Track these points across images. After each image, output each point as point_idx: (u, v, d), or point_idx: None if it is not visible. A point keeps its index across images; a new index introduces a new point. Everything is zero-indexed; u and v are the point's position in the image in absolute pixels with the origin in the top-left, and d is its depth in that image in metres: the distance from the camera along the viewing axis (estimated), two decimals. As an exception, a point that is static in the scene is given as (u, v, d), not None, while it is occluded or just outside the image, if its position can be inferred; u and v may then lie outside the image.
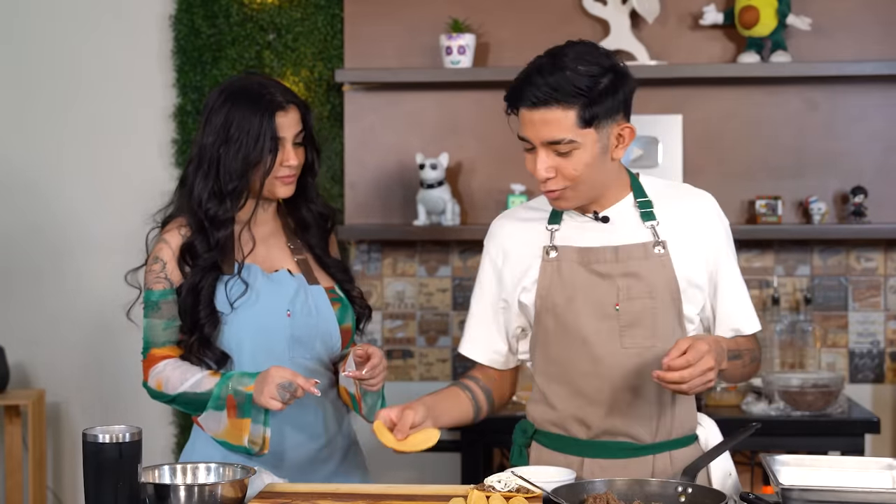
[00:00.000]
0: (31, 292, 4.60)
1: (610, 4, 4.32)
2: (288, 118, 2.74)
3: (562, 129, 2.41)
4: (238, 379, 2.65)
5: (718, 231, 2.60)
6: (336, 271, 2.86)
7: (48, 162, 4.57)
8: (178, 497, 2.25)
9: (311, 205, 2.87)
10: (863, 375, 4.43)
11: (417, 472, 4.41)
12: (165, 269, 2.76)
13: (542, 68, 2.42)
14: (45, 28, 4.55)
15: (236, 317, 2.72)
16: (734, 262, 2.62)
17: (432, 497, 2.37)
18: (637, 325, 2.51)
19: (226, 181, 2.72)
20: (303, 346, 2.75)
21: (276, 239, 2.84)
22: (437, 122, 4.44)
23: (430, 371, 4.53)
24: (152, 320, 2.76)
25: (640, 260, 2.52)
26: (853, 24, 4.34)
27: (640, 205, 2.55)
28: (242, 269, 2.75)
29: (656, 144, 4.30)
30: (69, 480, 4.67)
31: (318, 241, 2.87)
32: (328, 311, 2.78)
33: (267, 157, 2.70)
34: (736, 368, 2.53)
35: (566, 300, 2.54)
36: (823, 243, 4.42)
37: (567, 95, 2.39)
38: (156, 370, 2.74)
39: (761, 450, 4.01)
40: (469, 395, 2.65)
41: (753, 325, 2.62)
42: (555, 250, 2.56)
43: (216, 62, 4.45)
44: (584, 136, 2.42)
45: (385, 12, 4.42)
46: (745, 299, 2.62)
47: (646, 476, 2.51)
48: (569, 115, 2.40)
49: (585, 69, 2.41)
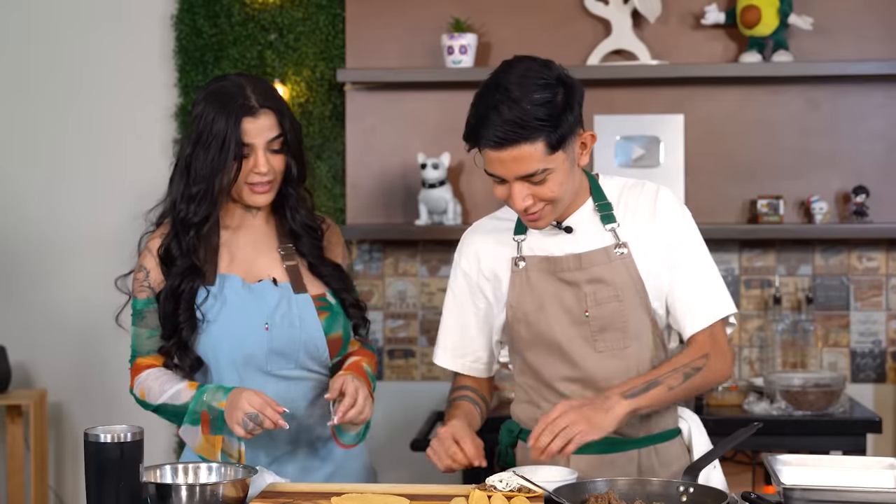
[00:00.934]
0: (32, 292, 4.60)
1: (611, 4, 4.32)
2: (258, 124, 2.66)
3: (533, 161, 2.41)
4: (212, 393, 2.62)
5: (674, 224, 2.56)
6: (331, 279, 2.78)
7: (49, 162, 4.57)
8: (179, 497, 2.25)
9: (296, 215, 2.78)
10: (864, 375, 4.43)
11: (419, 472, 4.40)
12: (149, 278, 2.75)
13: (498, 106, 2.39)
14: (46, 28, 4.55)
15: (213, 329, 2.69)
16: (694, 254, 2.57)
17: (434, 496, 2.37)
18: (609, 329, 2.54)
19: (194, 184, 2.68)
20: (284, 358, 2.71)
21: (265, 244, 2.78)
22: (439, 122, 4.44)
23: (432, 371, 4.52)
24: (138, 329, 2.76)
25: (603, 265, 2.53)
26: (855, 24, 4.33)
27: (599, 208, 2.57)
28: (221, 281, 2.71)
29: (658, 144, 4.30)
30: (71, 480, 4.67)
31: (309, 248, 2.78)
32: (313, 321, 2.72)
33: (231, 164, 2.64)
34: (661, 396, 2.45)
35: (537, 308, 2.56)
36: (825, 243, 4.41)
37: (532, 130, 2.38)
38: (139, 379, 2.74)
39: (763, 449, 4.01)
40: (478, 409, 2.68)
41: (700, 321, 2.54)
42: (523, 261, 2.59)
43: (218, 62, 4.45)
44: (555, 161, 2.43)
45: (386, 12, 4.42)
46: (698, 293, 2.55)
47: (632, 470, 2.55)
48: (537, 147, 2.40)
49: (540, 96, 2.39)
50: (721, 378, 2.56)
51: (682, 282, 2.54)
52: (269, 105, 2.69)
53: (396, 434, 4.44)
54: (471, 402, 2.67)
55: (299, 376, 2.74)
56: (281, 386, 2.71)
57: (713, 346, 2.53)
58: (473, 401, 2.67)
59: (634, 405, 2.41)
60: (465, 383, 2.72)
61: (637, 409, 2.42)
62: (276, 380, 2.72)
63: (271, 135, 2.69)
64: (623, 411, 2.39)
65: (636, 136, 4.30)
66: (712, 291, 2.56)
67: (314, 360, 2.74)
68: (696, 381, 2.49)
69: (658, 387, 2.45)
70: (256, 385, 2.68)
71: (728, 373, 2.56)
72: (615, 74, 4.22)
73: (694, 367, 2.49)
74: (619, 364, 2.55)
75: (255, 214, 2.78)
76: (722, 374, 2.55)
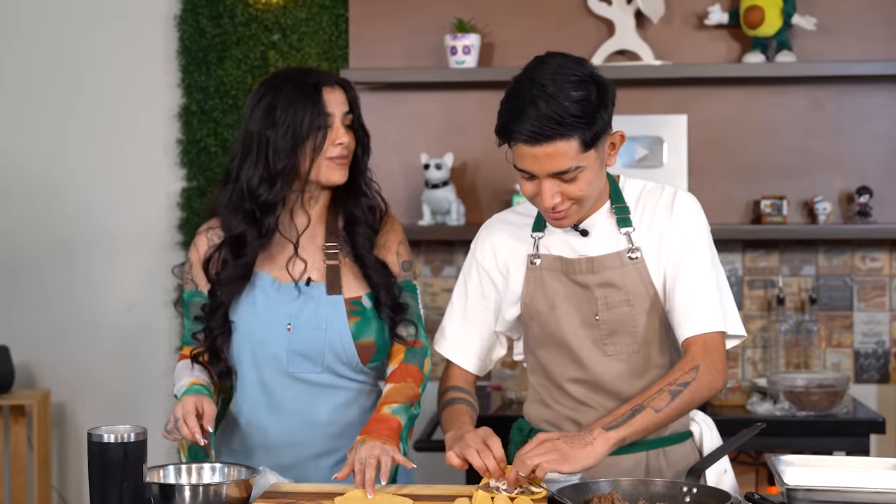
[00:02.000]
0: (36, 292, 4.60)
1: (615, 4, 4.32)
2: (335, 95, 2.67)
3: (567, 159, 2.38)
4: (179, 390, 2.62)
5: (686, 228, 2.52)
6: (377, 276, 2.72)
7: (53, 162, 4.58)
8: (182, 497, 2.25)
9: (362, 197, 2.74)
10: (868, 375, 4.43)
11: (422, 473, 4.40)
12: (192, 271, 2.75)
13: (535, 101, 2.36)
14: (50, 28, 4.56)
15: (239, 329, 2.69)
16: (698, 262, 2.50)
17: (437, 497, 2.37)
18: (619, 333, 2.52)
19: (275, 162, 2.62)
20: (308, 360, 2.68)
21: (312, 240, 2.73)
22: (442, 122, 4.44)
23: (436, 371, 4.49)
24: (184, 319, 2.77)
25: (615, 269, 2.51)
26: (859, 24, 4.33)
27: (616, 211, 2.54)
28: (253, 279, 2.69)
29: (661, 144, 4.30)
30: (74, 480, 4.67)
31: (363, 240, 2.73)
32: (341, 324, 2.68)
33: (316, 133, 2.62)
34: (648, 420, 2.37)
35: (549, 308, 2.55)
36: (828, 243, 4.41)
37: (568, 127, 2.35)
38: (176, 368, 2.75)
39: (766, 450, 4.01)
40: (474, 413, 2.64)
41: (691, 328, 2.47)
42: (538, 258, 2.57)
43: (221, 62, 4.46)
44: (587, 159, 2.40)
45: (390, 12, 4.42)
46: (694, 301, 2.48)
47: (639, 472, 2.53)
48: (571, 144, 2.37)
49: (576, 93, 2.37)
50: (711, 392, 2.45)
51: (680, 287, 2.49)
52: (339, 81, 2.71)
53: (399, 434, 4.43)
54: (469, 406, 2.63)
55: (327, 382, 2.70)
56: (305, 391, 2.69)
57: (704, 356, 2.43)
58: (471, 405, 2.64)
59: (618, 436, 2.33)
60: (458, 383, 2.68)
61: (623, 438, 2.34)
62: (299, 383, 2.69)
63: (345, 108, 2.69)
64: (605, 445, 2.31)
65: (640, 137, 4.30)
66: (710, 302, 2.48)
67: (344, 365, 2.70)
68: (685, 397, 2.40)
69: (643, 412, 2.36)
70: (279, 388, 2.69)
71: (721, 384, 2.45)
72: (618, 75, 4.21)
73: (681, 384, 2.40)
74: (627, 368, 2.53)
75: (312, 207, 2.74)
76: (712, 388, 2.44)
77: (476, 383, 2.74)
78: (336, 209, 2.76)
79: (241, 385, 2.73)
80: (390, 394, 2.68)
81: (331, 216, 2.76)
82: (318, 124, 2.63)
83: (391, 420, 2.60)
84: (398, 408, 2.63)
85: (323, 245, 2.74)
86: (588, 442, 2.31)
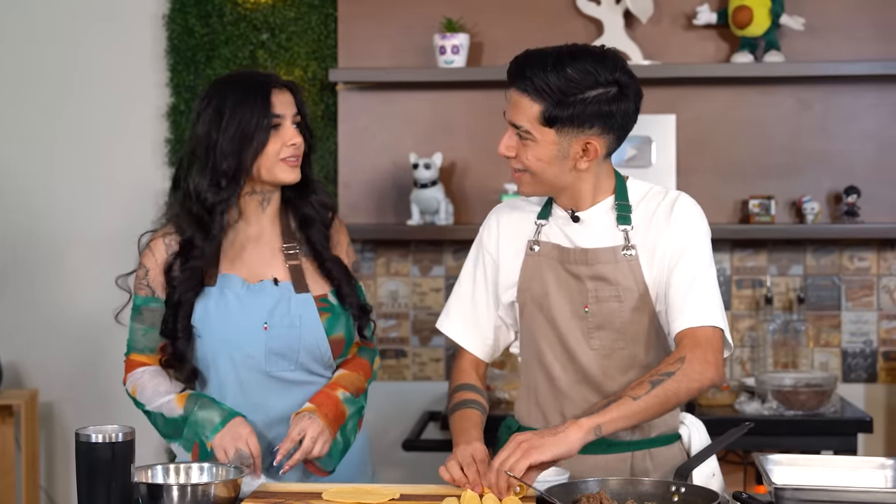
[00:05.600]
0: (23, 292, 4.59)
1: (603, 4, 4.32)
2: (284, 97, 2.69)
3: (523, 116, 2.45)
4: (202, 426, 2.63)
5: (682, 231, 2.52)
6: (336, 271, 2.77)
7: (41, 162, 4.57)
8: (171, 497, 2.25)
9: (314, 196, 2.79)
10: (856, 375, 4.43)
11: (411, 472, 4.41)
12: (148, 277, 2.75)
13: (542, 52, 2.45)
14: (38, 28, 4.55)
15: (211, 330, 2.69)
16: (695, 261, 2.51)
17: (426, 496, 2.37)
18: (605, 328, 2.53)
19: (221, 163, 2.65)
20: (283, 359, 2.70)
21: (269, 242, 2.76)
22: (431, 122, 4.44)
23: (424, 371, 4.52)
24: (135, 324, 2.77)
25: (608, 263, 2.52)
26: (846, 24, 4.34)
27: (618, 207, 2.55)
28: (221, 281, 2.71)
29: (650, 144, 4.31)
30: (62, 480, 4.66)
31: (320, 236, 2.78)
32: (314, 322, 2.71)
33: (262, 134, 2.64)
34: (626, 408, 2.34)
35: (542, 295, 2.57)
36: (816, 243, 4.42)
37: (536, 91, 2.42)
38: (133, 375, 2.75)
39: (754, 449, 4.02)
40: (482, 413, 2.63)
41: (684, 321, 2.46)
42: (538, 245, 2.59)
43: (210, 62, 4.45)
44: (543, 134, 2.45)
45: (379, 12, 4.42)
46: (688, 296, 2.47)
47: (625, 472, 2.53)
48: (534, 107, 2.44)
49: (578, 77, 2.41)
50: (702, 384, 2.41)
51: (676, 283, 2.49)
52: (287, 84, 2.73)
53: (388, 434, 4.44)
54: (478, 409, 2.62)
55: (300, 379, 2.73)
56: (280, 389, 2.71)
57: (693, 349, 2.41)
58: (480, 406, 2.63)
59: (591, 423, 2.31)
60: (468, 380, 2.67)
61: (598, 425, 2.31)
62: (275, 382, 2.71)
63: (294, 110, 2.71)
64: (578, 433, 2.29)
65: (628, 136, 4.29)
66: (703, 298, 2.48)
67: (317, 362, 2.74)
68: (669, 386, 2.37)
69: (619, 400, 2.35)
70: (255, 386, 2.70)
71: (711, 378, 2.41)
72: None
73: (663, 373, 2.38)
74: (613, 364, 2.54)
75: (266, 209, 2.76)
76: (703, 380, 2.40)
77: (485, 374, 2.73)
78: (287, 211, 2.80)
79: (218, 388, 2.74)
80: (343, 377, 2.75)
81: (283, 218, 2.79)
82: (266, 125, 2.65)
83: (340, 406, 2.69)
84: (349, 397, 2.72)
85: (281, 246, 2.76)
86: (559, 431, 2.30)
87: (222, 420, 2.62)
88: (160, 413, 2.69)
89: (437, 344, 4.50)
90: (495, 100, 2.54)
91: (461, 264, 4.39)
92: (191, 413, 2.64)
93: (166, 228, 2.77)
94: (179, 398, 2.68)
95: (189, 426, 2.64)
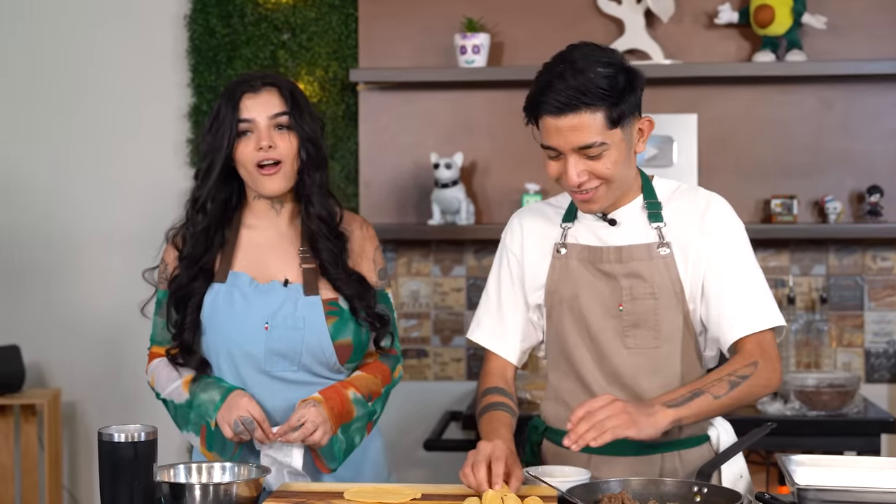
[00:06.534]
0: (46, 292, 4.61)
1: (624, 3, 4.32)
2: (258, 99, 2.67)
3: (592, 132, 2.40)
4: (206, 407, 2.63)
5: (722, 233, 2.54)
6: (342, 283, 2.72)
7: (61, 163, 4.58)
8: (193, 496, 2.25)
9: (310, 207, 2.73)
10: (879, 375, 4.42)
11: (433, 472, 4.41)
12: (167, 271, 2.78)
13: (563, 74, 2.40)
14: (59, 28, 4.56)
15: (215, 326, 2.70)
16: (737, 265, 2.52)
17: (448, 496, 2.37)
18: (641, 326, 2.52)
19: (201, 161, 2.73)
20: (284, 359, 2.69)
21: (285, 245, 2.76)
22: (452, 122, 4.44)
23: (445, 370, 4.53)
24: (157, 318, 2.80)
25: (643, 261, 2.51)
26: (869, 23, 4.32)
27: (648, 206, 2.55)
28: (231, 278, 2.72)
29: (671, 144, 4.30)
30: (85, 480, 4.68)
31: (327, 253, 2.72)
32: (319, 325, 2.68)
33: (227, 139, 2.65)
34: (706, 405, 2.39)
35: (573, 296, 2.55)
36: (839, 243, 4.40)
37: (594, 98, 2.39)
38: (152, 366, 2.79)
39: (777, 450, 4.00)
40: (512, 418, 2.61)
41: (745, 328, 2.48)
42: (565, 247, 2.58)
43: (231, 62, 4.46)
44: (613, 136, 2.43)
45: (399, 12, 4.42)
46: (743, 302, 2.49)
47: (654, 474, 2.51)
48: (597, 117, 2.40)
49: (603, 70, 2.41)
50: (769, 387, 2.47)
51: (726, 291, 2.49)
52: (272, 82, 2.71)
53: (409, 434, 4.44)
54: (507, 412, 2.59)
55: (302, 380, 2.72)
56: (281, 388, 2.70)
57: (762, 354, 2.45)
58: (510, 410, 2.60)
59: (677, 415, 2.35)
60: (497, 383, 2.65)
61: (680, 418, 2.36)
62: (275, 382, 2.71)
63: (274, 110, 2.68)
64: (665, 420, 2.33)
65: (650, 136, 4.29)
66: (759, 301, 2.50)
67: (321, 365, 2.72)
68: (744, 389, 2.42)
69: (702, 396, 2.39)
70: (256, 385, 2.70)
71: (777, 382, 2.47)
72: (628, 74, 4.21)
73: (740, 376, 2.42)
74: (647, 364, 2.52)
75: (280, 212, 2.77)
76: (770, 384, 2.46)
77: (515, 378, 2.71)
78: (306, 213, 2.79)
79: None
80: (358, 379, 2.74)
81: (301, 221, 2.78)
82: (233, 130, 2.67)
83: (348, 405, 2.67)
84: (360, 398, 2.69)
85: (299, 249, 2.76)
86: (651, 413, 2.33)
87: (222, 397, 2.63)
88: (171, 400, 2.71)
89: (459, 344, 4.50)
90: (516, 99, 2.52)
91: (482, 264, 4.44)
92: (195, 396, 2.66)
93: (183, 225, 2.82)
94: (185, 383, 2.69)
95: (194, 410, 2.65)
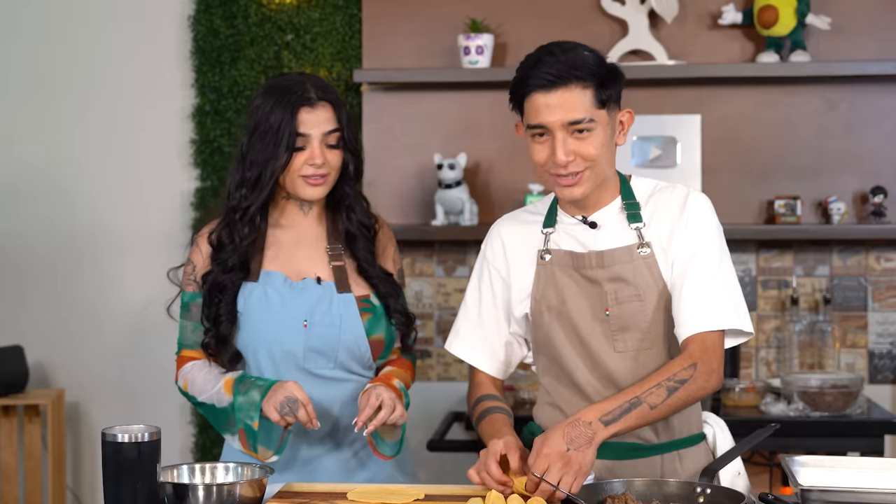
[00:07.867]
0: (50, 292, 4.62)
1: (628, 4, 4.32)
2: (315, 115, 2.68)
3: (582, 107, 2.41)
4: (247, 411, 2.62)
5: (697, 228, 2.50)
6: (378, 282, 2.78)
7: (67, 162, 4.59)
8: (196, 497, 2.26)
9: (351, 214, 2.79)
10: (882, 376, 4.41)
11: (436, 472, 4.41)
12: (195, 272, 2.77)
13: (552, 51, 2.43)
14: (63, 29, 4.57)
15: (252, 325, 2.71)
16: (701, 262, 2.48)
17: (451, 497, 2.37)
18: (629, 329, 2.50)
19: (247, 170, 2.70)
20: (323, 357, 2.71)
21: (313, 244, 2.78)
22: (455, 122, 4.44)
23: (448, 371, 4.53)
24: (184, 321, 2.79)
25: (625, 263, 2.50)
26: (873, 24, 4.32)
27: (627, 207, 2.53)
28: (264, 277, 2.73)
29: (675, 144, 4.30)
30: (88, 480, 4.68)
31: (364, 252, 2.79)
32: (354, 321, 2.72)
33: (282, 154, 2.66)
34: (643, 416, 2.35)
35: (560, 303, 2.53)
36: (843, 243, 4.40)
37: (585, 73, 2.40)
38: (184, 371, 2.77)
39: (780, 450, 4.00)
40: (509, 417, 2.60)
41: (692, 326, 2.44)
42: (548, 254, 2.56)
43: (235, 62, 4.46)
44: (600, 117, 2.43)
45: (403, 12, 4.42)
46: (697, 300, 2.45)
47: (654, 475, 2.50)
48: (587, 93, 2.41)
49: (590, 54, 2.44)
50: (706, 390, 2.42)
51: (685, 287, 2.46)
52: (328, 98, 2.72)
53: (413, 434, 4.43)
54: (504, 413, 2.59)
55: (339, 377, 2.74)
56: (319, 385, 2.71)
57: (702, 355, 2.41)
58: (506, 412, 2.60)
59: (613, 430, 2.32)
60: (487, 391, 2.64)
61: (617, 433, 2.33)
62: (313, 378, 2.71)
63: (328, 127, 2.70)
64: (600, 441, 2.30)
65: (653, 137, 4.30)
66: (713, 301, 2.46)
67: (356, 361, 2.74)
68: (681, 395, 2.38)
69: (639, 407, 2.34)
70: None
71: (714, 385, 2.42)
72: (632, 75, 4.12)
73: (679, 380, 2.38)
74: (637, 365, 2.51)
75: (308, 213, 2.78)
76: (708, 388, 2.42)
77: (502, 388, 2.69)
78: (334, 214, 2.81)
79: None
80: (395, 372, 2.76)
81: (329, 219, 2.81)
82: (287, 144, 2.66)
83: (399, 393, 2.68)
84: (403, 388, 2.73)
85: (326, 247, 2.77)
86: (590, 437, 2.29)
87: (262, 394, 2.61)
88: (212, 404, 2.69)
89: (462, 344, 4.50)
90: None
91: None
92: (235, 400, 2.65)
93: (212, 224, 2.80)
94: (227, 385, 2.67)
95: (237, 412, 2.64)
